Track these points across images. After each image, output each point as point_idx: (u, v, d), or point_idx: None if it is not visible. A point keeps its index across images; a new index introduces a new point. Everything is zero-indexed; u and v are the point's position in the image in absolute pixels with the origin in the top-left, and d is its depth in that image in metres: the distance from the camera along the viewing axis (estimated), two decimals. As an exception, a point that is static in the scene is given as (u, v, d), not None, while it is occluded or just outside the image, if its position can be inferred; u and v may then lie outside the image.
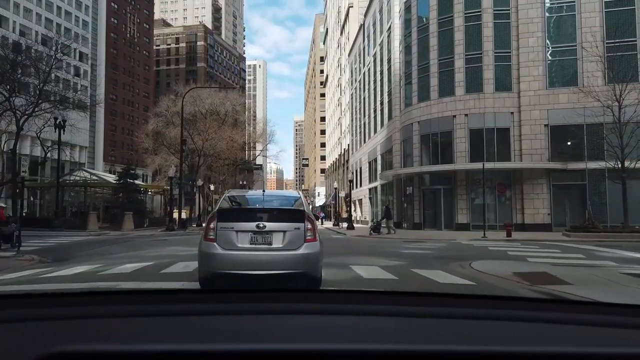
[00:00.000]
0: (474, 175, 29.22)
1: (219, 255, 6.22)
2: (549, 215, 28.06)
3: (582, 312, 1.20)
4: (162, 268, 9.81)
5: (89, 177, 40.03)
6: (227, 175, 63.97)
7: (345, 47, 69.39)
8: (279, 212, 6.77)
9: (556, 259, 12.29)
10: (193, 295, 1.34)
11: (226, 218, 6.48)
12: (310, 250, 6.36)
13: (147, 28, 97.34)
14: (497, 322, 1.10)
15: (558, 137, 28.29)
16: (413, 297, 1.33)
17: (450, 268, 10.09)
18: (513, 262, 11.16)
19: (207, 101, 51.55)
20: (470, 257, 12.13)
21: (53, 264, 12.14)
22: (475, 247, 15.57)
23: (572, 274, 9.16)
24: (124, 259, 12.52)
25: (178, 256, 12.36)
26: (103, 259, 12.80)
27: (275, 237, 6.33)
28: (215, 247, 6.26)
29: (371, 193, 46.82)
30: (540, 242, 18.12)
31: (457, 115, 29.80)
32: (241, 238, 6.30)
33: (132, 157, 78.26)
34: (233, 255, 6.22)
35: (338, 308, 1.16)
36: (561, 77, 28.61)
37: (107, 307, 1.15)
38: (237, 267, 6.20)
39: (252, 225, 6.30)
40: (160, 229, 32.06)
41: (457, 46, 30.02)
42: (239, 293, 1.31)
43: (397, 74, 36.87)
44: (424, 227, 31.11)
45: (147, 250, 14.51)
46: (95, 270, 9.90)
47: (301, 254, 6.29)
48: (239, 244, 6.28)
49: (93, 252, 14.95)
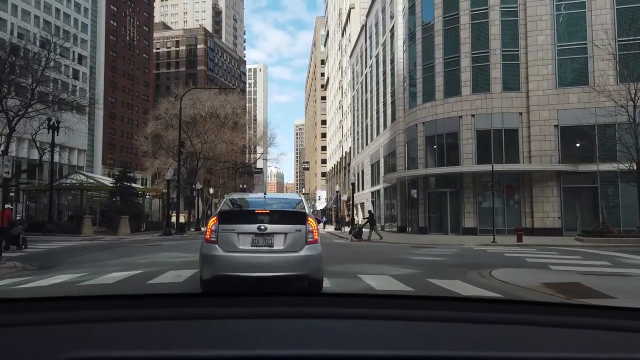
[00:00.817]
0: (481, 178, 28.31)
1: (220, 257, 6.18)
2: (559, 219, 27.07)
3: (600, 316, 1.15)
4: (150, 278, 8.88)
5: (85, 180, 39.12)
6: (227, 179, 63.20)
7: (346, 49, 68.64)
8: (281, 214, 6.66)
9: (580, 266, 11.33)
10: (201, 300, 1.32)
11: (227, 220, 6.46)
12: (312, 252, 6.31)
13: (147, 31, 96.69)
14: (506, 326, 1.08)
15: (568, 138, 27.34)
16: (416, 300, 1.31)
17: (469, 277, 9.14)
18: (537, 271, 10.19)
19: (206, 104, 50.87)
20: (488, 265, 11.18)
21: (36, 272, 11.25)
22: (490, 254, 14.59)
23: (608, 285, 8.19)
24: (112, 266, 11.58)
25: (170, 264, 11.42)
26: (90, 266, 11.88)
27: (276, 239, 6.29)
28: (216, 249, 6.22)
29: (374, 196, 45.85)
30: (557, 248, 17.12)
31: (463, 115, 28.86)
32: (242, 240, 6.26)
33: (132, 161, 77.38)
34: (234, 257, 6.17)
35: (340, 312, 1.15)
36: (571, 76, 27.67)
37: (111, 312, 1.14)
38: (238, 269, 6.16)
39: (254, 227, 6.25)
40: (158, 234, 31.14)
41: (463, 45, 29.11)
42: (247, 297, 1.27)
43: (400, 74, 35.98)
44: (429, 232, 30.11)
45: (139, 257, 13.55)
46: (77, 280, 8.99)
47: (303, 256, 6.25)
48: (240, 246, 6.24)
49: (82, 258, 13.99)
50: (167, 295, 1.33)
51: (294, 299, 1.28)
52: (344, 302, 1.25)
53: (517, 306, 1.25)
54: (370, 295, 1.63)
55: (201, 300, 1.29)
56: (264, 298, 1.26)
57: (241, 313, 1.14)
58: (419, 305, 1.24)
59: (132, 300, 1.30)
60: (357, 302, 1.26)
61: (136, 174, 76.22)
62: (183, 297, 1.32)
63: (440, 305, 1.23)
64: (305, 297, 1.33)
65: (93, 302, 1.25)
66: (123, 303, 1.24)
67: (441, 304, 1.24)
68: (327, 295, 1.57)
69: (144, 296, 1.28)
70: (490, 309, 1.21)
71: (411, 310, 1.16)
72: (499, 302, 1.30)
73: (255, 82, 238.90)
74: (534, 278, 9.00)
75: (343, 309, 1.18)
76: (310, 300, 1.29)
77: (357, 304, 1.23)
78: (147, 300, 1.28)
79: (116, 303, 1.23)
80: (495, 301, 1.28)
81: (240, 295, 1.30)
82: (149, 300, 1.31)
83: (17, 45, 31.26)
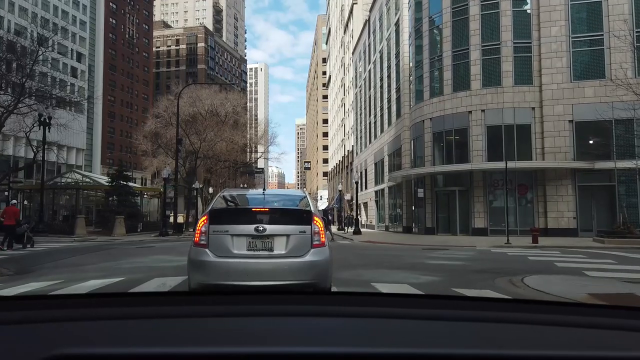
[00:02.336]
0: (492, 176, 27.05)
1: (211, 263, 5.22)
2: (575, 219, 25.77)
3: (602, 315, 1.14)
4: (130, 287, 7.68)
5: (81, 179, 37.94)
6: (227, 178, 62.00)
7: (349, 45, 67.39)
8: (282, 213, 5.74)
9: (619, 272, 10.06)
10: (197, 298, 1.30)
11: (220, 220, 5.46)
12: (319, 257, 5.36)
13: (147, 29, 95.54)
14: (513, 326, 1.07)
15: (584, 134, 26.03)
16: (422, 299, 1.30)
17: (500, 286, 7.88)
18: (574, 279, 8.92)
19: (206, 102, 49.74)
20: (514, 270, 9.93)
21: (12, 277, 10.06)
22: (511, 257, 13.31)
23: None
24: (93, 272, 10.37)
25: (158, 269, 10.20)
26: (69, 271, 10.67)
27: (277, 242, 5.36)
28: (206, 254, 5.26)
29: (377, 196, 44.58)
30: (580, 250, 15.84)
31: (473, 111, 27.56)
32: (237, 243, 5.31)
33: (131, 160, 76.26)
34: (227, 264, 5.22)
35: (342, 310, 1.14)
36: (587, 69, 26.33)
37: (106, 309, 1.12)
38: (232, 277, 5.20)
39: (250, 229, 5.30)
40: (154, 234, 29.96)
41: (473, 37, 27.81)
42: (245, 295, 1.27)
43: (406, 68, 34.69)
44: (437, 232, 28.83)
45: (126, 260, 12.32)
46: (47, 289, 7.79)
47: (308, 261, 5.31)
48: (234, 250, 5.29)
49: (64, 262, 12.76)
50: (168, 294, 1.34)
51: (293, 298, 1.25)
52: (346, 301, 1.23)
53: (526, 306, 1.23)
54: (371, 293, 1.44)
55: (202, 299, 1.26)
56: (269, 296, 1.22)
57: (244, 311, 1.11)
58: (427, 304, 1.22)
59: (131, 298, 1.29)
60: (358, 301, 1.24)
61: (136, 173, 75.25)
62: (185, 295, 1.31)
63: (449, 304, 1.22)
64: (305, 296, 1.28)
65: (88, 300, 1.24)
66: (119, 301, 1.22)
67: (450, 303, 1.24)
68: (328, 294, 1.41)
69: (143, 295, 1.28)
70: (500, 308, 1.19)
71: (419, 309, 1.15)
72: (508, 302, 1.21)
73: (257, 81, 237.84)
74: (575, 287, 7.73)
75: (348, 307, 1.16)
76: (310, 299, 1.25)
77: (358, 303, 1.21)
78: (146, 299, 1.26)
79: (112, 301, 1.21)
80: (504, 301, 1.28)
81: (244, 294, 1.28)
82: (148, 298, 1.31)
83: (8, 40, 30.11)
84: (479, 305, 1.20)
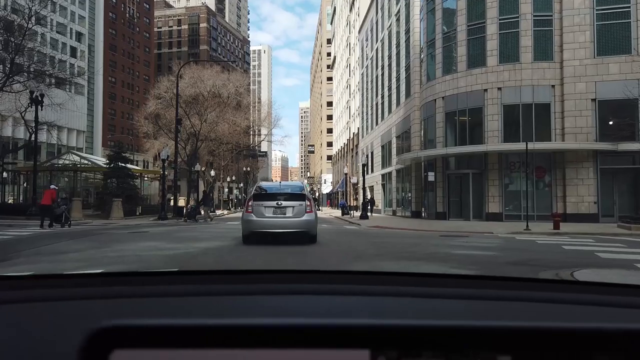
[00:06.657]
0: (508, 158, 25.59)
1: (254, 220, 10.60)
2: (596, 204, 24.36)
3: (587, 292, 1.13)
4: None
5: (78, 161, 36.72)
6: (229, 161, 60.68)
7: (354, 24, 65.29)
8: (290, 195, 10.97)
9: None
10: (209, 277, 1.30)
11: (258, 198, 10.86)
12: (309, 218, 10.70)
13: (148, 8, 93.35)
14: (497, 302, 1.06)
15: (607, 114, 24.44)
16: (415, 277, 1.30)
17: (549, 284, 6.55)
18: (629, 272, 7.60)
19: (208, 82, 48.16)
20: (554, 262, 8.62)
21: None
22: (542, 245, 11.96)
23: None
24: (71, 262, 9.13)
25: (145, 259, 8.94)
26: (46, 261, 9.43)
27: (288, 210, 10.64)
28: (252, 216, 10.62)
29: (384, 179, 43.18)
30: (612, 238, 14.50)
31: (488, 89, 25.96)
32: (267, 210, 10.63)
33: (132, 142, 74.98)
34: (262, 221, 10.59)
35: (334, 288, 1.14)
36: (612, 43, 24.60)
37: (145, 287, 1.17)
38: (265, 227, 10.57)
39: (274, 203, 10.67)
40: (152, 218, 28.78)
41: (490, 9, 26.07)
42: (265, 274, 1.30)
43: (416, 45, 32.98)
44: (448, 217, 27.50)
45: (113, 248, 11.07)
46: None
47: (304, 220, 10.61)
48: (266, 214, 10.62)
49: (46, 249, 11.51)
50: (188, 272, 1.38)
51: (285, 276, 1.27)
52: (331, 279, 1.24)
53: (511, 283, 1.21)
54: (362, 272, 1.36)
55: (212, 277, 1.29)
56: (285, 275, 1.27)
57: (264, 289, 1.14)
58: (419, 282, 1.22)
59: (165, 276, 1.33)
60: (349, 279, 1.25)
61: (138, 156, 74.08)
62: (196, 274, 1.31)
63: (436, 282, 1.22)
64: (296, 274, 1.29)
65: (126, 278, 1.27)
66: (151, 280, 1.27)
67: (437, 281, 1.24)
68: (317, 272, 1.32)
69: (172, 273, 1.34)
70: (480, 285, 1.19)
71: (411, 287, 1.15)
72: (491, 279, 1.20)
73: (260, 64, 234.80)
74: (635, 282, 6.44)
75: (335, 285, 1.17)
76: (301, 277, 1.27)
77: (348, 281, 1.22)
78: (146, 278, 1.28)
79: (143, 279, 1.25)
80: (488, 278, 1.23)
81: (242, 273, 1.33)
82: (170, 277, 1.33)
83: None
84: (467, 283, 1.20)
